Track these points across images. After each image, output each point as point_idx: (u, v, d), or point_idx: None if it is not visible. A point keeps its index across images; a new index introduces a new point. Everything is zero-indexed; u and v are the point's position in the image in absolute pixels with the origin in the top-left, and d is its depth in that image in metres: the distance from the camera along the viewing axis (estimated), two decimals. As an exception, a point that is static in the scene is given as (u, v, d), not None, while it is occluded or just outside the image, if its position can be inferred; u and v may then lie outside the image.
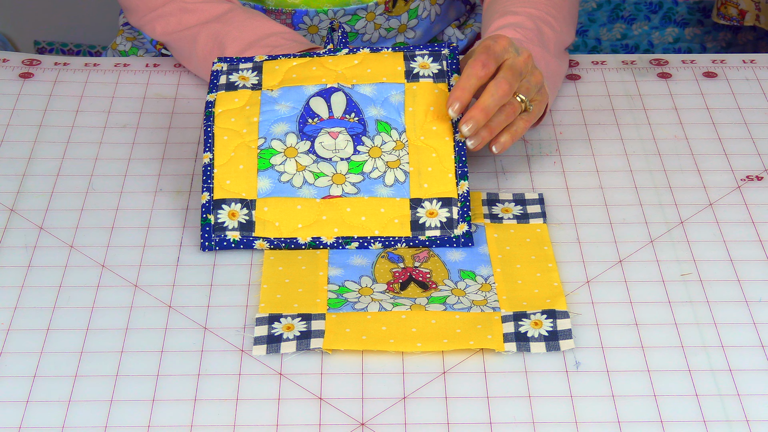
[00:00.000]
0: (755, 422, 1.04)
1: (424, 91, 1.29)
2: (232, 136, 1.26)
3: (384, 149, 1.26)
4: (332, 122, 1.27)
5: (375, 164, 1.25)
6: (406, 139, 1.27)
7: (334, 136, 1.26)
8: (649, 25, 2.56)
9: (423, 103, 1.29)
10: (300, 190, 1.23)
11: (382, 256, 1.21)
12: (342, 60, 1.31)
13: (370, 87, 1.29)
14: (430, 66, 1.31)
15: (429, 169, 1.25)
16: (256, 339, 1.11)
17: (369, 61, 1.31)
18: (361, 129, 1.27)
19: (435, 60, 1.32)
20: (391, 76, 1.30)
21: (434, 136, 1.27)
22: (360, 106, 1.28)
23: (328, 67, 1.31)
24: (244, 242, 1.21)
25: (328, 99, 1.28)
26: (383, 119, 1.28)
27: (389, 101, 1.29)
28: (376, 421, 1.04)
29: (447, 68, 1.31)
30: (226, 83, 1.30)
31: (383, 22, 1.56)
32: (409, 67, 1.31)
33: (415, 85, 1.30)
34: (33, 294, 1.17)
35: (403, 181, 1.25)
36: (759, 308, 1.15)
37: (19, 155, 1.35)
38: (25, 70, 1.50)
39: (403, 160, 1.26)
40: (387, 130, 1.27)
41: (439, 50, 1.33)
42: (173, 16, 1.46)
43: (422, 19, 1.59)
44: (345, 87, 1.29)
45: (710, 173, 1.33)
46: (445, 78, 1.30)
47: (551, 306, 1.14)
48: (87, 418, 1.04)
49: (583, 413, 1.04)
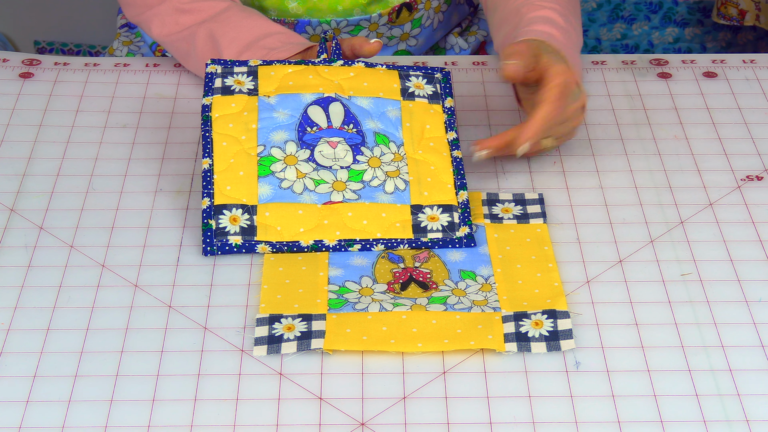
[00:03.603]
0: (755, 422, 1.04)
1: (420, 110, 1.31)
2: (230, 142, 1.26)
3: (383, 160, 1.26)
4: (331, 132, 1.27)
5: (375, 173, 1.25)
6: (404, 152, 1.27)
7: (334, 146, 1.26)
8: (649, 25, 2.56)
9: (419, 121, 1.30)
10: (301, 196, 1.23)
11: (383, 257, 1.21)
12: (338, 71, 1.32)
13: (367, 100, 1.30)
14: (425, 87, 1.32)
15: (428, 180, 1.26)
16: (256, 339, 1.11)
17: (365, 75, 1.32)
18: (359, 140, 1.27)
19: (429, 82, 1.33)
20: (387, 92, 1.31)
21: (432, 152, 1.28)
22: (358, 117, 1.28)
23: (325, 77, 1.31)
24: (246, 246, 1.21)
25: (327, 109, 1.28)
26: (381, 132, 1.28)
27: (386, 116, 1.29)
28: (376, 421, 1.04)
29: (441, 91, 1.33)
30: (221, 87, 1.30)
31: (386, 31, 1.56)
32: (405, 86, 1.32)
33: (411, 103, 1.31)
34: (33, 294, 1.17)
35: (403, 189, 1.25)
36: (759, 308, 1.16)
37: (19, 155, 1.35)
38: (25, 70, 1.50)
39: (403, 170, 1.26)
40: (385, 143, 1.28)
41: (432, 73, 1.33)
42: (169, 16, 1.45)
43: (425, 27, 1.58)
44: (342, 98, 1.29)
45: (710, 173, 1.33)
46: (439, 100, 1.32)
47: (552, 306, 1.14)
48: (87, 418, 1.04)
49: (583, 413, 1.04)
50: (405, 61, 1.52)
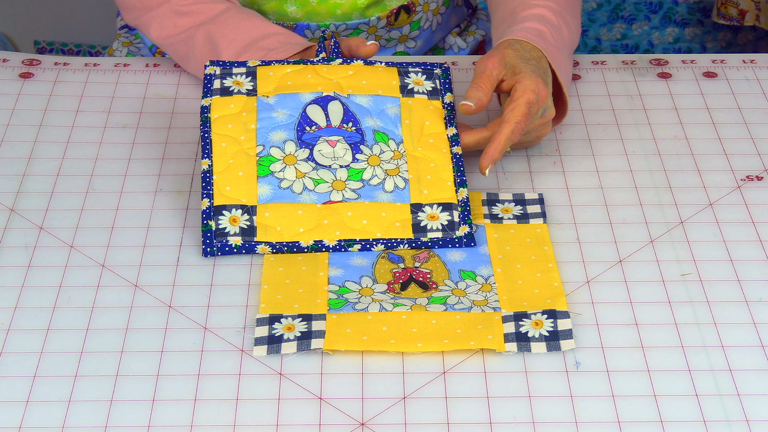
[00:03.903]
0: (755, 422, 1.04)
1: (420, 106, 1.30)
2: (229, 142, 1.26)
3: (383, 158, 1.26)
4: (330, 131, 1.27)
5: (374, 172, 1.25)
6: (404, 149, 1.27)
7: (333, 145, 1.26)
8: (649, 25, 2.56)
9: (419, 117, 1.30)
10: (300, 196, 1.23)
11: (383, 257, 1.21)
12: (337, 69, 1.32)
13: (366, 98, 1.30)
14: (424, 83, 1.32)
15: (428, 177, 1.26)
16: (256, 340, 1.11)
17: (364, 73, 1.32)
18: (359, 138, 1.27)
19: (428, 78, 1.33)
20: (386, 89, 1.31)
21: (431, 148, 1.28)
22: (357, 116, 1.28)
23: (323, 76, 1.31)
24: (246, 247, 1.21)
25: (325, 107, 1.28)
26: (380, 130, 1.28)
27: (386, 113, 1.29)
28: (376, 421, 1.04)
29: (440, 87, 1.33)
30: (220, 88, 1.30)
31: (384, 33, 1.55)
32: (404, 82, 1.32)
33: (410, 100, 1.31)
34: (33, 294, 1.17)
35: (403, 187, 1.25)
36: (759, 308, 1.15)
37: (19, 155, 1.35)
38: (25, 70, 1.50)
39: (402, 168, 1.26)
40: (385, 140, 1.27)
41: (432, 69, 1.34)
42: (167, 18, 1.45)
43: (424, 29, 1.58)
44: (341, 96, 1.29)
45: (710, 173, 1.33)
46: (438, 96, 1.32)
47: (552, 306, 1.14)
48: (87, 418, 1.04)
49: (583, 413, 1.04)
50: (404, 59, 1.52)
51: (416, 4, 1.54)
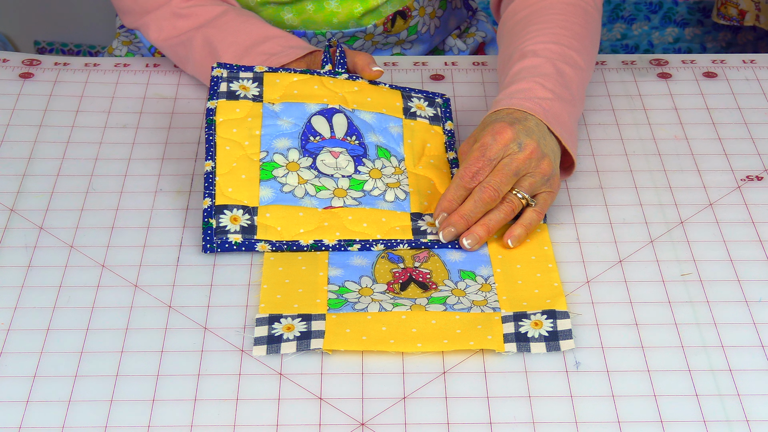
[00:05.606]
0: (755, 422, 1.04)
1: (421, 129, 1.32)
2: (234, 147, 1.27)
3: (384, 172, 1.27)
4: (333, 142, 1.28)
5: (375, 184, 1.26)
6: (405, 167, 1.28)
7: (336, 155, 1.27)
8: (649, 25, 2.56)
9: (420, 139, 1.31)
10: (302, 200, 1.24)
11: (382, 257, 1.21)
12: (343, 84, 1.32)
13: (370, 114, 1.31)
14: (426, 109, 1.34)
15: (428, 192, 1.26)
16: (256, 339, 1.11)
17: (369, 91, 1.33)
18: (361, 152, 1.28)
19: (430, 105, 1.35)
20: (390, 109, 1.32)
21: (432, 168, 1.29)
22: (361, 130, 1.29)
23: (330, 88, 1.32)
24: (246, 244, 1.21)
25: (330, 119, 1.29)
26: (383, 146, 1.29)
27: (389, 131, 1.30)
28: (376, 421, 1.04)
29: (441, 114, 1.34)
30: (227, 91, 1.31)
31: (382, 39, 1.55)
32: (407, 105, 1.33)
33: (412, 122, 1.32)
34: (33, 294, 1.17)
35: (404, 198, 1.25)
36: (759, 308, 1.15)
37: (19, 155, 1.35)
38: (25, 70, 1.50)
39: (403, 182, 1.27)
40: (387, 156, 1.28)
41: (434, 97, 1.36)
42: (166, 21, 1.45)
43: (422, 33, 1.58)
44: (346, 110, 1.30)
45: (710, 173, 1.33)
46: (439, 122, 1.34)
47: (551, 306, 1.14)
48: (87, 418, 1.04)
49: (583, 413, 1.04)
50: (404, 63, 1.52)
51: (412, 9, 1.54)
